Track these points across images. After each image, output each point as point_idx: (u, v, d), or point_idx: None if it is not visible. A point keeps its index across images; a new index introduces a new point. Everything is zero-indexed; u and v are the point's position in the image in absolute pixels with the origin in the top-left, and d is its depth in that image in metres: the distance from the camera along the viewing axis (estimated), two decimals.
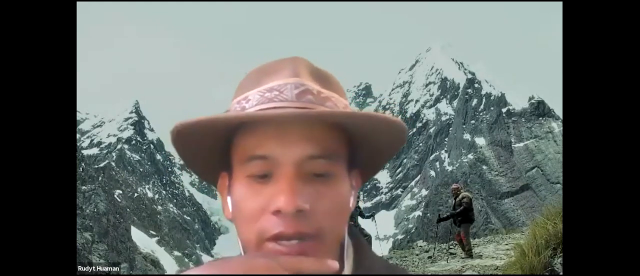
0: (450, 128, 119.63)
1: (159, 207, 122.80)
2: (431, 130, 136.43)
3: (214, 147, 0.56)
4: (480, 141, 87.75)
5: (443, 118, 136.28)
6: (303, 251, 0.49)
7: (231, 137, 0.55)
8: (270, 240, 0.50)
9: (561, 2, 1.11)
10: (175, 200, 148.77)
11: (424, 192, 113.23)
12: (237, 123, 0.52)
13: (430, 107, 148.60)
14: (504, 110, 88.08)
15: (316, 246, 0.50)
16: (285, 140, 0.51)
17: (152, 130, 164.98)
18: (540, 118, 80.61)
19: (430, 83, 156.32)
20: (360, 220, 10.06)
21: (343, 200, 0.53)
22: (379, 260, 0.60)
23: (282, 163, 0.50)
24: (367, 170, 0.62)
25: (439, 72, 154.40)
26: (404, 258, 12.60)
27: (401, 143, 0.57)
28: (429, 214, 68.66)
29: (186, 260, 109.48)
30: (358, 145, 0.57)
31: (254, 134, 0.52)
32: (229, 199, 0.57)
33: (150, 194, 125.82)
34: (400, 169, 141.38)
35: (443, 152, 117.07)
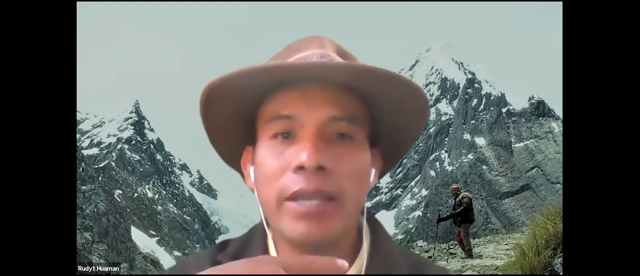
0: (450, 128, 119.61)
1: (159, 207, 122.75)
2: (431, 130, 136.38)
3: (242, 115, 0.57)
4: (480, 141, 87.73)
5: (443, 118, 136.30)
6: (322, 211, 0.49)
7: (259, 104, 0.56)
8: (290, 198, 0.50)
9: (561, 2, 1.10)
10: (175, 200, 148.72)
11: (424, 192, 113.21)
12: (268, 82, 0.53)
13: (430, 107, 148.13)
14: (504, 110, 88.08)
15: (336, 208, 0.50)
16: (309, 102, 0.52)
17: (152, 130, 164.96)
18: (540, 118, 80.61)
19: (430, 83, 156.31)
20: None
21: (364, 166, 0.54)
22: (394, 244, 0.61)
23: (306, 124, 0.52)
24: (389, 150, 0.62)
25: (439, 72, 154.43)
26: None
27: (423, 115, 0.57)
28: (429, 214, 68.64)
29: None
30: (379, 120, 0.58)
31: (279, 97, 0.53)
32: (251, 170, 0.58)
33: (150, 194, 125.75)
34: (400, 169, 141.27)
35: (443, 152, 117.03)
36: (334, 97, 0.53)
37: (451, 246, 12.52)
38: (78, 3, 1.10)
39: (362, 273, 0.56)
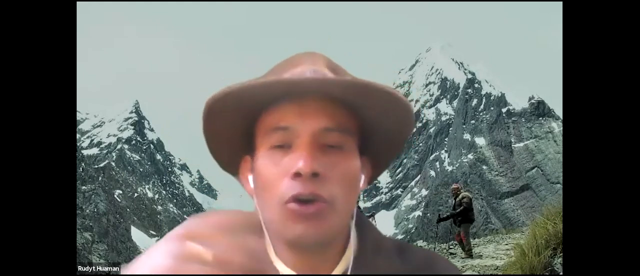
0: (450, 128, 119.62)
1: (159, 207, 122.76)
2: (431, 130, 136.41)
3: (242, 126, 0.61)
4: (480, 141, 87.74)
5: (443, 118, 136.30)
6: (319, 213, 0.54)
7: (257, 117, 0.60)
8: (289, 201, 0.54)
9: (561, 2, 1.11)
10: (175, 200, 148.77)
11: (424, 192, 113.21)
12: (266, 96, 0.56)
13: (430, 107, 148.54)
14: (504, 110, 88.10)
15: (330, 210, 0.55)
16: (304, 114, 0.56)
17: (152, 130, 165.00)
18: (540, 118, 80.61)
19: (430, 83, 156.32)
20: None
21: (354, 173, 0.59)
22: (380, 233, 0.66)
23: (301, 134, 0.56)
24: (377, 159, 0.66)
25: (439, 72, 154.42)
26: None
27: (409, 124, 0.62)
28: (429, 214, 68.66)
29: None
30: (368, 130, 0.62)
31: (276, 110, 0.57)
32: (250, 177, 0.62)
33: (150, 194, 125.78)
34: (400, 169, 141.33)
35: (443, 152, 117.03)
36: (327, 109, 0.57)
37: (451, 246, 12.51)
38: (78, 3, 1.11)
39: (350, 269, 0.60)
